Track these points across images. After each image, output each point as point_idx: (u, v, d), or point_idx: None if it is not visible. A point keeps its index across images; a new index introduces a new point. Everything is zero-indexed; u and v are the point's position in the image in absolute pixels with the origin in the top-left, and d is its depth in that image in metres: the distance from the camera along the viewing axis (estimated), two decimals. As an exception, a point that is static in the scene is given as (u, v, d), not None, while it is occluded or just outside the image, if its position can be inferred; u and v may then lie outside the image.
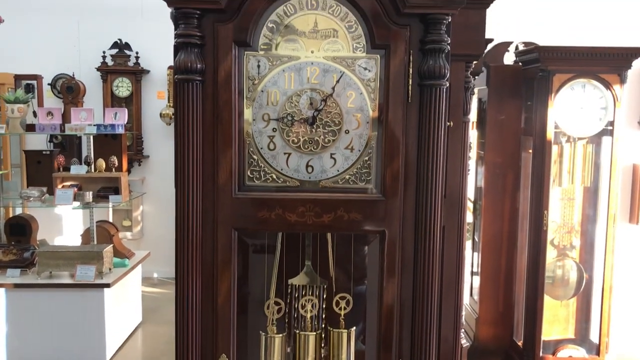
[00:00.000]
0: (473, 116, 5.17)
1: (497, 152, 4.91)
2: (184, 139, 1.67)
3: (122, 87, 7.43)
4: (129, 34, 7.19)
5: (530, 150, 4.87)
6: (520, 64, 5.05)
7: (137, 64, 7.24)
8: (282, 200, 1.73)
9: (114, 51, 7.37)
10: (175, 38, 1.66)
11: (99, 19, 7.20)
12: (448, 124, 1.81)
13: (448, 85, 1.70)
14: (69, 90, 5.51)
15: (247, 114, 1.75)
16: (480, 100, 5.21)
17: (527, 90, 4.90)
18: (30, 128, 5.53)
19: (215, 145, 1.70)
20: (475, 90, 5.04)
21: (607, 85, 4.57)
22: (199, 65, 1.65)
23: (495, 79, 4.93)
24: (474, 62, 2.27)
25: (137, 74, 7.37)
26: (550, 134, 4.69)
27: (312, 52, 1.75)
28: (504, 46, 5.19)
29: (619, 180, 4.76)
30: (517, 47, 5.47)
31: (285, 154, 1.77)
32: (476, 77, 2.93)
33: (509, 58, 5.34)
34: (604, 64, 4.59)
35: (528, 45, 5.40)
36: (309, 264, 1.99)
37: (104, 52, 7.30)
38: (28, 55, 7.12)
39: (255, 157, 1.77)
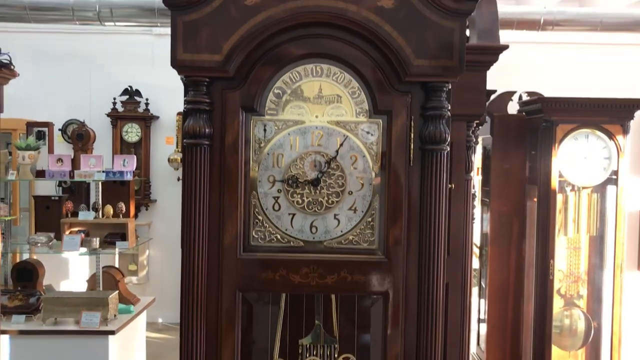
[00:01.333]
0: (477, 162, 5.22)
1: (503, 201, 4.93)
2: (191, 201, 1.71)
3: (132, 132, 7.55)
4: (139, 81, 7.34)
5: (535, 199, 4.89)
6: (524, 113, 5.12)
7: (146, 110, 7.38)
8: (286, 261, 1.76)
9: (125, 98, 7.51)
10: (184, 104, 1.72)
11: (110, 66, 7.36)
12: (450, 186, 1.85)
13: (449, 150, 1.74)
14: (79, 138, 5.61)
15: (253, 176, 1.79)
16: (484, 149, 5.26)
17: (531, 140, 4.95)
18: (40, 174, 5.61)
19: (222, 207, 1.74)
20: (480, 138, 5.10)
21: (611, 136, 4.62)
22: (207, 130, 1.71)
23: (500, 128, 4.99)
24: (476, 121, 2.33)
25: (147, 119, 7.50)
26: (554, 183, 4.72)
27: (316, 116, 1.80)
28: (507, 96, 5.27)
29: (625, 228, 4.76)
30: (520, 97, 5.56)
31: (289, 214, 1.81)
32: (480, 126, 2.98)
33: (512, 107, 5.41)
34: (606, 114, 4.65)
35: (531, 95, 5.49)
36: (319, 323, 2.00)
37: (114, 99, 7.44)
38: (40, 101, 7.27)
39: (260, 217, 1.80)
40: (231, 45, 1.68)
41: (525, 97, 5.51)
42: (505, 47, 2.25)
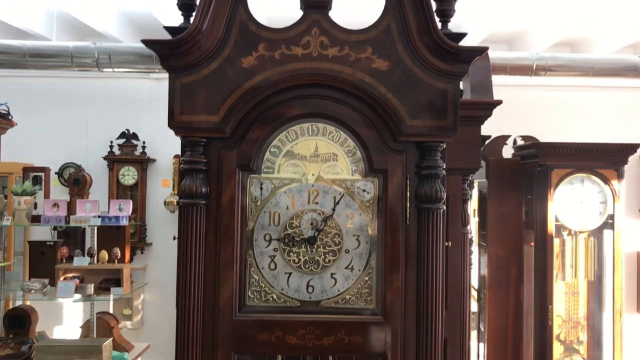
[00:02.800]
0: (474, 204, 5.22)
1: (500, 245, 4.91)
2: (187, 261, 1.71)
3: (128, 175, 7.54)
4: (136, 124, 7.37)
5: (532, 243, 4.89)
6: (519, 157, 5.16)
7: (143, 153, 7.39)
8: (282, 323, 1.74)
9: (122, 141, 7.53)
10: (181, 164, 1.73)
11: (108, 110, 7.40)
12: (446, 244, 1.85)
13: (445, 208, 1.74)
14: (76, 183, 5.60)
15: (249, 235, 1.79)
16: (480, 192, 5.27)
17: (527, 184, 4.97)
18: (36, 219, 5.58)
19: (217, 267, 1.73)
20: (475, 182, 5.12)
21: (606, 181, 4.64)
22: (203, 190, 1.71)
23: (495, 172, 5.01)
24: (471, 175, 2.34)
25: (143, 162, 7.51)
26: (551, 227, 4.72)
27: (312, 174, 1.81)
28: (502, 140, 5.31)
29: (623, 271, 4.74)
30: (515, 141, 5.60)
31: (286, 273, 1.79)
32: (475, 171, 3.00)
33: (507, 151, 5.45)
34: (601, 159, 4.68)
35: (526, 139, 5.54)
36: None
37: (111, 142, 7.46)
38: (37, 144, 7.27)
39: (256, 277, 1.79)
40: (228, 107, 1.70)
41: (519, 142, 5.55)
42: (499, 102, 2.27)
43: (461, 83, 2.36)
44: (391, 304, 1.74)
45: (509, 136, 5.38)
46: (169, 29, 1.72)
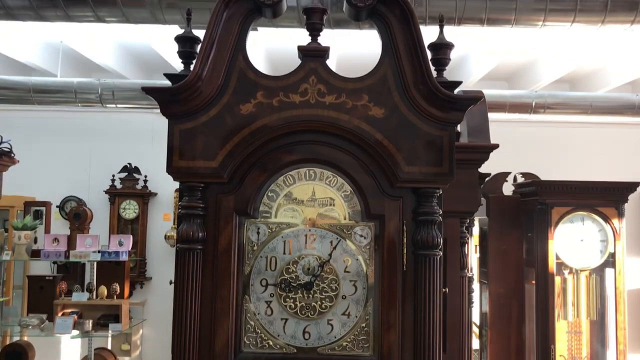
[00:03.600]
0: (475, 241, 5.21)
1: (500, 283, 4.88)
2: (183, 306, 1.70)
3: (129, 209, 7.56)
4: (138, 158, 7.42)
5: (534, 282, 4.85)
6: (519, 195, 5.16)
7: (145, 187, 7.42)
8: (278, 370, 1.73)
9: (123, 175, 7.57)
10: (179, 209, 1.74)
11: (110, 144, 7.46)
12: (444, 290, 1.84)
13: (441, 254, 1.74)
14: (76, 217, 5.62)
15: (246, 280, 1.79)
16: (481, 229, 5.26)
17: (527, 222, 4.96)
18: (36, 254, 5.58)
19: (214, 312, 1.72)
20: (476, 219, 5.11)
21: (606, 219, 4.63)
22: (200, 235, 1.72)
23: (495, 209, 5.00)
24: (469, 218, 2.34)
25: (145, 196, 7.53)
26: (552, 266, 4.70)
27: (309, 219, 1.82)
28: (502, 177, 5.31)
29: (626, 309, 4.70)
30: (515, 179, 5.61)
31: (282, 319, 1.79)
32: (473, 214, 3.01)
33: (508, 187, 5.45)
34: (600, 197, 4.68)
35: (526, 176, 5.55)
36: None
37: (113, 176, 7.49)
38: (39, 177, 7.32)
39: (252, 322, 1.78)
40: (226, 152, 1.71)
41: (520, 179, 5.57)
42: (495, 146, 2.29)
43: (458, 126, 2.39)
44: (389, 351, 1.73)
45: (509, 173, 5.39)
46: (169, 76, 1.75)
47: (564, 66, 5.89)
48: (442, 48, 1.80)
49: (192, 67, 1.74)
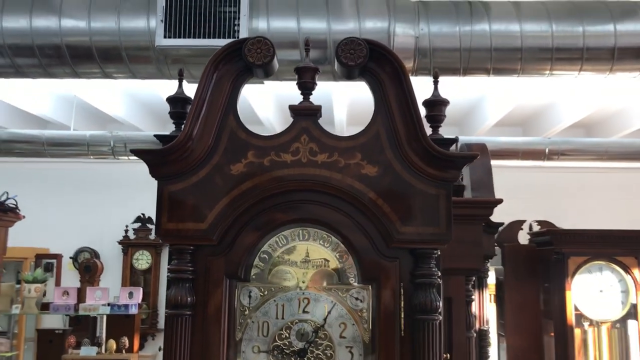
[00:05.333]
0: (491, 290, 5.06)
1: (518, 336, 4.72)
2: (171, 375, 1.63)
3: (142, 259, 7.54)
4: (151, 208, 7.42)
5: (552, 334, 4.68)
6: (534, 244, 5.03)
7: (158, 237, 7.40)
8: None
9: (137, 225, 7.57)
10: (168, 272, 1.69)
11: (123, 194, 7.49)
12: (445, 356, 1.75)
13: (440, 318, 1.66)
14: (87, 270, 5.59)
15: (237, 346, 1.72)
16: (497, 279, 5.12)
17: (544, 271, 4.82)
18: (45, 307, 5.55)
19: (202, 382, 1.65)
20: (492, 269, 4.98)
21: (626, 269, 4.48)
22: (189, 300, 1.66)
23: (511, 259, 4.87)
24: (474, 276, 2.26)
25: (158, 247, 7.51)
26: (571, 317, 4.53)
27: (303, 282, 1.75)
28: (517, 225, 5.20)
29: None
30: (530, 227, 5.49)
31: (275, 388, 1.71)
32: (490, 259, 2.91)
33: (524, 236, 5.33)
34: (619, 246, 4.53)
35: (542, 224, 5.42)
36: None
37: (126, 226, 7.50)
38: (53, 228, 7.35)
39: (244, 392, 1.71)
40: (216, 214, 1.67)
41: (535, 227, 5.44)
42: (499, 201, 2.23)
43: (463, 179, 2.33)
44: (386, 423, 1.63)
45: (524, 221, 5.28)
46: (159, 137, 1.73)
47: (580, 111, 5.82)
48: (437, 105, 1.76)
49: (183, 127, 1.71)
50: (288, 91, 5.71)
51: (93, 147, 5.93)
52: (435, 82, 1.81)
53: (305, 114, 1.72)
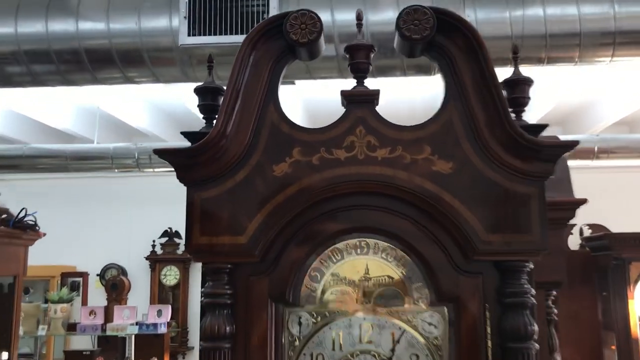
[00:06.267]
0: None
1: (574, 348, 4.34)
2: (208, 423, 1.34)
3: (170, 275, 7.31)
4: (178, 222, 7.20)
5: (614, 347, 4.31)
6: (588, 249, 4.67)
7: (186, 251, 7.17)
8: None
9: (164, 240, 7.36)
10: (202, 297, 1.41)
11: (149, 209, 7.28)
12: (539, 390, 1.43)
13: (538, 348, 1.34)
14: (114, 288, 5.37)
15: (287, 384, 1.42)
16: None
17: (601, 279, 4.46)
18: (72, 328, 5.35)
19: None
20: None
21: (695, 274, 4.10)
22: (227, 329, 1.37)
23: (564, 266, 4.49)
24: (556, 290, 1.94)
25: (186, 262, 7.28)
26: (635, 329, 4.17)
27: (363, 304, 1.45)
28: (567, 230, 4.81)
29: None
30: (581, 231, 5.12)
31: None
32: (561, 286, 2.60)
33: (573, 241, 4.96)
34: (686, 250, 4.16)
35: (594, 228, 5.05)
36: None
37: (153, 241, 7.29)
38: (79, 246, 7.17)
39: None
40: (257, 225, 1.38)
41: (586, 231, 5.07)
42: (584, 201, 1.91)
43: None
44: None
45: (574, 225, 4.89)
46: (187, 135, 1.46)
47: (625, 108, 5.45)
48: (519, 84, 1.45)
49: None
50: (315, 95, 5.45)
51: (117, 160, 5.72)
52: (515, 58, 1.50)
53: (361, 101, 1.43)
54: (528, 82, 1.46)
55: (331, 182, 1.40)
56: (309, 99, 5.63)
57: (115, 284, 5.47)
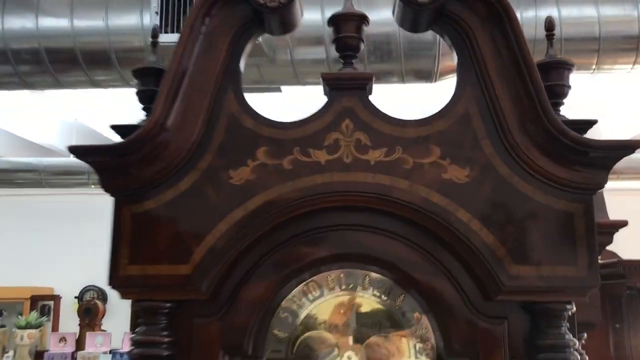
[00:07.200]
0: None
1: (586, 385, 3.96)
2: None
3: (152, 299, 6.91)
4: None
5: (630, 386, 3.95)
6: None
7: (167, 274, 6.81)
8: None
9: (145, 261, 6.98)
10: (130, 345, 1.04)
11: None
12: None
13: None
14: (87, 313, 4.99)
15: None
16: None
17: (613, 309, 4.11)
18: (39, 356, 4.95)
19: None
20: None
21: None
22: (163, 394, 1.01)
23: (573, 295, 4.14)
24: (588, 331, 1.59)
25: (169, 285, 6.90)
26: (653, 366, 3.80)
27: (349, 357, 1.09)
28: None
29: None
30: (591, 257, 4.77)
31: None
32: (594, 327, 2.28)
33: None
34: None
35: (603, 254, 4.70)
36: None
37: (134, 263, 6.91)
38: (56, 266, 6.80)
39: None
40: (207, 250, 1.03)
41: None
42: (624, 223, 1.58)
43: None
44: None
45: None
46: (117, 129, 1.11)
47: (635, 125, 5.16)
48: (556, 68, 1.12)
49: (155, 113, 1.08)
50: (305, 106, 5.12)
51: (93, 175, 5.37)
52: (550, 36, 1.17)
53: (349, 86, 1.08)
54: (567, 65, 1.12)
55: (307, 194, 1.05)
56: (299, 110, 5.31)
57: (89, 309, 5.08)
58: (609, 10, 2.70)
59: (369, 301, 1.12)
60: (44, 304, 5.72)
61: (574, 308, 1.03)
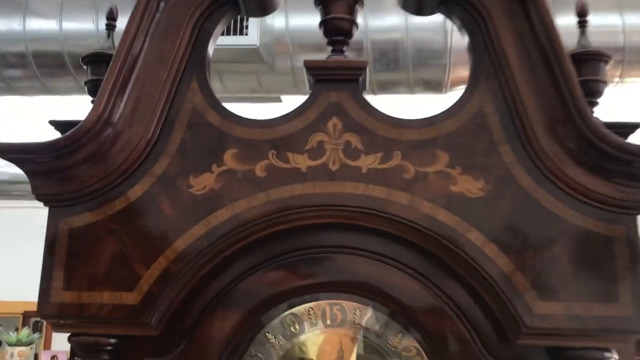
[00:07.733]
0: None
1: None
2: None
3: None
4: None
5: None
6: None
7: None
8: None
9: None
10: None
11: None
12: None
13: None
14: (79, 331, 4.78)
15: None
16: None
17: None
18: (29, 376, 4.74)
19: None
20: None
21: None
22: None
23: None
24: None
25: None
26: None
27: (334, 410, 0.89)
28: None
29: None
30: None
31: None
32: None
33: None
34: None
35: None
36: None
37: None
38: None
39: None
40: (159, 274, 0.84)
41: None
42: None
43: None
44: None
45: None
46: (56, 124, 0.92)
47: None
48: (589, 60, 0.92)
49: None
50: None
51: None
52: (582, 22, 0.98)
53: (338, 77, 0.90)
54: (603, 57, 0.93)
55: (285, 208, 0.85)
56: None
57: (81, 328, 4.89)
58: (635, 19, 2.51)
59: (358, 340, 0.92)
60: (36, 320, 5.53)
61: (616, 356, 0.82)
